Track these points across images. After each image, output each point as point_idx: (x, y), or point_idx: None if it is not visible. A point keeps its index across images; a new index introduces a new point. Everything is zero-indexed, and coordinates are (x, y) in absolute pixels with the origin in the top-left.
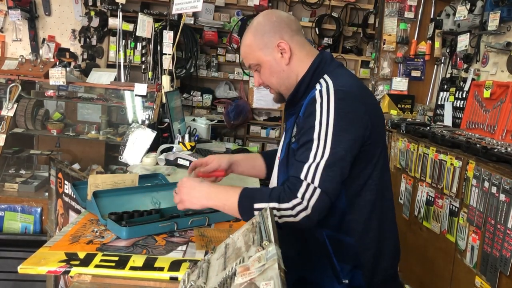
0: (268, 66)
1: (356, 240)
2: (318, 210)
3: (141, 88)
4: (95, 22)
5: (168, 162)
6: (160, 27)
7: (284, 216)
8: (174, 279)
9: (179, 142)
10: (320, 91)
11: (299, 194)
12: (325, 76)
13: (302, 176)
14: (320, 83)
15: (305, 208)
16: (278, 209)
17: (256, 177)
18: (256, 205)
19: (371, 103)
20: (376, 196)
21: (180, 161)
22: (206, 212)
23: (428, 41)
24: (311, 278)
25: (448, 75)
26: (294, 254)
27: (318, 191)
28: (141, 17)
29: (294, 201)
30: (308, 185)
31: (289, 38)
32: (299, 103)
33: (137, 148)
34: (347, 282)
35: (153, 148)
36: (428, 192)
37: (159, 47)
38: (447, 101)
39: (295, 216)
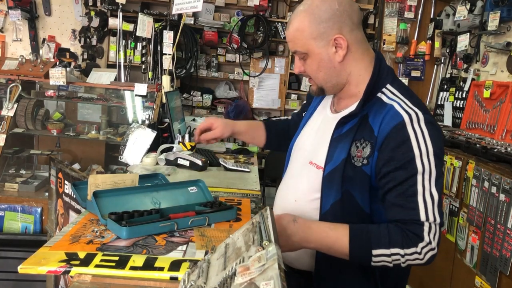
0: (318, 59)
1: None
2: (439, 242)
3: (141, 88)
4: (95, 22)
5: (168, 162)
6: (160, 27)
7: (409, 260)
8: (174, 279)
9: (179, 142)
10: (408, 114)
11: (426, 237)
12: (389, 87)
13: (423, 218)
14: (389, 97)
15: (433, 249)
16: (403, 255)
17: (253, 145)
18: (375, 252)
19: None
20: None
21: (180, 161)
22: (206, 212)
23: (428, 41)
24: None
25: (448, 75)
26: (343, 268)
27: (438, 227)
28: (141, 17)
29: (421, 244)
30: (430, 225)
31: (348, 32)
32: (359, 112)
33: (137, 148)
34: None
35: (153, 148)
36: None
37: (159, 47)
38: (447, 101)
39: (422, 259)
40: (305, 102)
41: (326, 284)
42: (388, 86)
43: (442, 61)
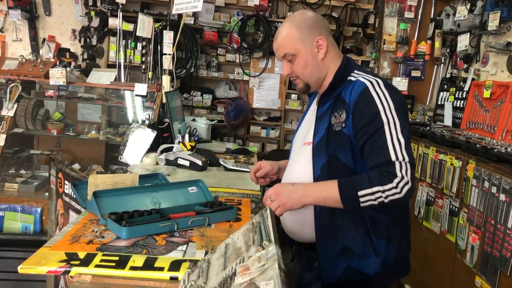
0: (305, 58)
1: (389, 217)
2: (413, 179)
3: (141, 88)
4: (95, 22)
5: (168, 162)
6: (160, 27)
7: (390, 196)
8: (174, 279)
9: (179, 142)
10: (369, 81)
11: (398, 173)
12: (356, 72)
13: (393, 158)
14: (354, 76)
15: (407, 182)
16: (383, 191)
17: None
18: (360, 193)
19: None
20: None
21: (180, 161)
22: (206, 212)
23: (428, 41)
24: (355, 248)
25: (448, 75)
26: (338, 228)
27: (409, 164)
28: (141, 17)
29: (396, 180)
30: (401, 163)
31: (326, 36)
32: (333, 93)
33: (137, 148)
34: (383, 254)
35: (153, 148)
36: (428, 192)
37: (159, 47)
38: (447, 101)
39: (400, 192)
40: None
41: (328, 247)
42: (355, 71)
43: (442, 61)
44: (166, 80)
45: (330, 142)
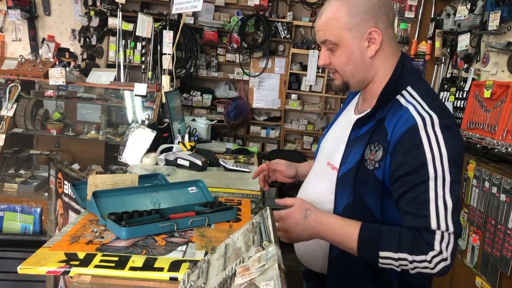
0: (349, 51)
1: (418, 277)
2: (454, 254)
3: (141, 88)
4: (95, 22)
5: (168, 162)
6: (160, 27)
7: (418, 268)
8: (174, 279)
9: (179, 142)
10: (422, 118)
11: (436, 246)
12: (410, 90)
13: (433, 226)
14: (407, 100)
15: (445, 259)
16: (412, 261)
17: None
18: (382, 253)
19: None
20: None
21: (180, 161)
22: (206, 212)
23: (429, 41)
24: None
25: (448, 75)
26: (357, 279)
27: (452, 236)
28: (141, 17)
29: (432, 253)
30: (443, 234)
31: (384, 28)
32: (375, 114)
33: (137, 148)
34: None
35: (153, 148)
36: None
37: (159, 47)
38: (447, 101)
39: (433, 268)
40: None
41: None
42: (409, 88)
43: (443, 61)
44: (165, 80)
45: (358, 180)
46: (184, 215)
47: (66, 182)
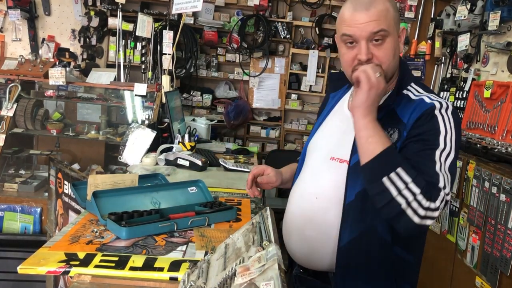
0: (396, 44)
1: (414, 258)
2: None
3: (141, 88)
4: (95, 22)
5: (168, 162)
6: (160, 27)
7: (412, 208)
8: (174, 279)
9: (179, 142)
10: (440, 104)
11: (438, 202)
12: (413, 86)
13: (441, 184)
14: (412, 92)
15: (433, 218)
16: (416, 195)
17: None
18: (400, 171)
19: None
20: None
21: (180, 161)
22: (206, 212)
23: (429, 41)
24: None
25: (448, 75)
26: (365, 265)
27: (447, 198)
28: (141, 17)
29: (432, 205)
30: (444, 196)
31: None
32: (391, 103)
33: (137, 148)
34: None
35: (153, 148)
36: None
37: (159, 47)
38: (447, 101)
39: (420, 216)
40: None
41: (345, 283)
42: (413, 84)
43: (443, 61)
44: (165, 80)
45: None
46: (184, 215)
47: (66, 182)
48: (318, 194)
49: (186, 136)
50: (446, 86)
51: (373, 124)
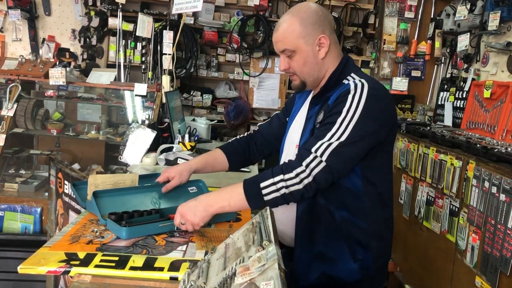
0: (305, 56)
1: (367, 225)
2: (320, 180)
3: (141, 88)
4: (95, 22)
5: (168, 162)
6: (160, 27)
7: (290, 186)
8: (174, 279)
9: (179, 142)
10: (355, 85)
11: (304, 163)
12: (352, 75)
13: (313, 150)
14: (348, 79)
15: (308, 176)
16: (285, 180)
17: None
18: (263, 184)
19: (394, 108)
20: (387, 189)
21: (180, 161)
22: None
23: (428, 41)
24: (329, 254)
25: (448, 75)
26: (314, 231)
27: (323, 164)
28: (141, 17)
29: (298, 169)
30: (315, 157)
31: (329, 34)
32: (325, 95)
33: (137, 148)
34: (360, 260)
35: (153, 148)
36: (428, 192)
37: (159, 47)
38: (447, 101)
39: (299, 183)
40: (278, 112)
41: (304, 252)
42: (352, 74)
43: (443, 61)
44: (166, 80)
45: None
46: None
47: (66, 182)
48: None
49: (186, 136)
50: (446, 86)
51: (218, 200)
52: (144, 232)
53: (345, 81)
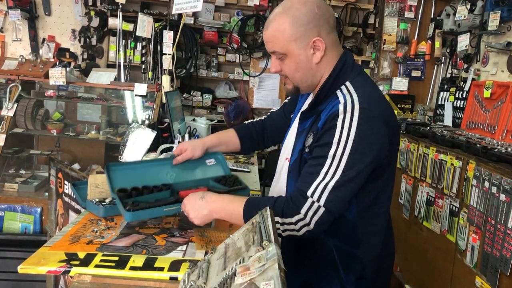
0: (297, 60)
1: (362, 252)
2: (320, 225)
3: (141, 88)
4: (95, 22)
5: None
6: (160, 27)
7: (287, 230)
8: (174, 279)
9: (179, 142)
10: (345, 106)
11: (303, 211)
12: (348, 84)
13: (309, 193)
14: (343, 93)
15: (308, 224)
16: (282, 224)
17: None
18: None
19: (393, 122)
20: (384, 209)
21: None
22: (219, 191)
23: (428, 41)
24: (317, 284)
25: (448, 75)
26: (301, 258)
27: (322, 209)
28: (141, 17)
29: (297, 217)
30: (313, 202)
31: (326, 35)
32: (317, 108)
33: (137, 148)
34: None
35: (153, 148)
36: (428, 192)
37: (159, 47)
38: (447, 101)
39: (298, 230)
40: (287, 100)
41: (297, 271)
42: (347, 83)
43: (443, 61)
44: (166, 80)
45: (302, 166)
46: (196, 191)
47: (66, 182)
48: (278, 191)
49: (186, 136)
50: (446, 86)
51: (222, 212)
52: (148, 215)
53: (338, 93)
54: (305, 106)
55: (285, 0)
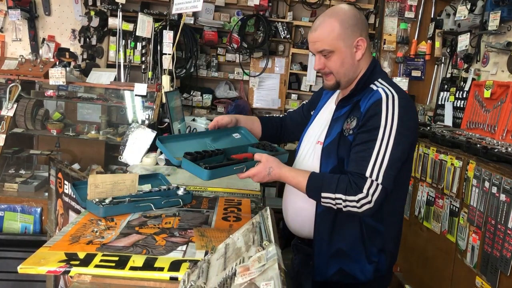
0: (343, 56)
1: (385, 229)
2: (378, 203)
3: (141, 88)
4: (95, 22)
5: (168, 162)
6: (160, 27)
7: (349, 207)
8: (174, 279)
9: None
10: (386, 94)
11: (365, 190)
12: (380, 80)
13: (367, 174)
14: (379, 86)
15: (369, 202)
16: (344, 200)
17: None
18: (324, 194)
19: (417, 113)
20: (404, 192)
21: None
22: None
23: (429, 41)
24: (348, 252)
25: (448, 75)
26: (338, 228)
27: (380, 187)
28: (141, 17)
29: (360, 195)
30: (372, 182)
31: (366, 36)
32: (352, 98)
33: (137, 148)
34: (375, 262)
35: (153, 148)
36: (428, 192)
37: (159, 47)
38: (447, 101)
39: (359, 208)
40: (306, 102)
41: (324, 247)
42: (380, 79)
43: (443, 61)
44: (166, 80)
45: (340, 147)
46: (244, 156)
47: (66, 182)
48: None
49: None
50: (446, 86)
51: (286, 169)
52: (224, 173)
53: (373, 86)
54: (331, 100)
55: (329, 8)
